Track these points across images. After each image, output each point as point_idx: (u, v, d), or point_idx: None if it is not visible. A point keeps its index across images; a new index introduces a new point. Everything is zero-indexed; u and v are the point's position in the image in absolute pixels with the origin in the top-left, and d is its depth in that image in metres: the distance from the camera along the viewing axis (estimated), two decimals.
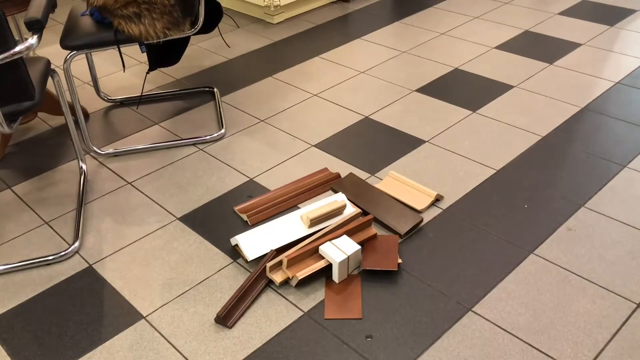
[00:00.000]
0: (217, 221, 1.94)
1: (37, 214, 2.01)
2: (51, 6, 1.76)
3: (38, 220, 1.98)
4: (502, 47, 2.98)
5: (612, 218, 1.88)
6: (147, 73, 2.37)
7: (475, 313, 1.58)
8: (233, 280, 1.72)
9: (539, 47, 2.96)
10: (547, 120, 2.38)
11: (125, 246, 1.86)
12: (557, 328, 1.53)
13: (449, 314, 1.58)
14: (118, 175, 2.18)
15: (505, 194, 2.00)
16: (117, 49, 2.06)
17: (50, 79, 1.91)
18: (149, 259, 1.81)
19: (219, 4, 2.27)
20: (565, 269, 1.71)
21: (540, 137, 2.28)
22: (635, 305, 1.59)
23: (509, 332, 1.53)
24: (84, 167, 2.19)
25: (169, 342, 1.55)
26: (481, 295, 1.63)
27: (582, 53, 2.88)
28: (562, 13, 3.32)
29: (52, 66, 1.93)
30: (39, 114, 2.54)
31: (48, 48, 3.14)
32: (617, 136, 2.26)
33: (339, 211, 1.86)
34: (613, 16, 3.25)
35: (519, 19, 3.27)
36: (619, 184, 2.02)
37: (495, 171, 2.11)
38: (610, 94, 2.54)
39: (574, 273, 1.69)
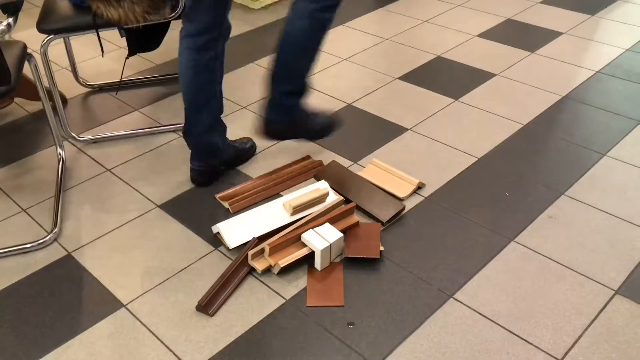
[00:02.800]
0: (198, 209, 1.92)
1: (15, 201, 1.98)
2: None
3: (15, 208, 1.95)
4: (485, 35, 2.99)
5: (591, 206, 1.90)
6: (127, 58, 2.33)
7: (457, 300, 1.59)
8: (214, 268, 1.71)
9: (520, 35, 2.97)
10: (528, 109, 2.39)
11: (105, 234, 1.84)
12: (537, 315, 1.55)
13: (430, 301, 1.59)
14: (97, 162, 2.15)
15: (487, 182, 2.01)
16: (95, 34, 2.02)
17: (27, 63, 1.87)
18: (129, 247, 1.79)
19: None
20: (545, 256, 1.72)
21: (522, 126, 2.29)
22: (613, 292, 1.61)
23: (489, 319, 1.54)
24: (62, 153, 2.15)
25: (149, 330, 1.53)
26: (462, 283, 1.64)
27: (563, 42, 2.90)
28: (544, 2, 3.33)
29: (29, 50, 1.89)
30: (16, 99, 2.49)
31: (25, 32, 3.08)
32: (597, 125, 2.28)
33: (321, 199, 1.85)
34: (594, 5, 3.27)
35: (502, 7, 3.28)
36: (598, 172, 2.04)
37: (477, 159, 2.11)
38: (591, 82, 2.56)
39: (554, 260, 1.71)
